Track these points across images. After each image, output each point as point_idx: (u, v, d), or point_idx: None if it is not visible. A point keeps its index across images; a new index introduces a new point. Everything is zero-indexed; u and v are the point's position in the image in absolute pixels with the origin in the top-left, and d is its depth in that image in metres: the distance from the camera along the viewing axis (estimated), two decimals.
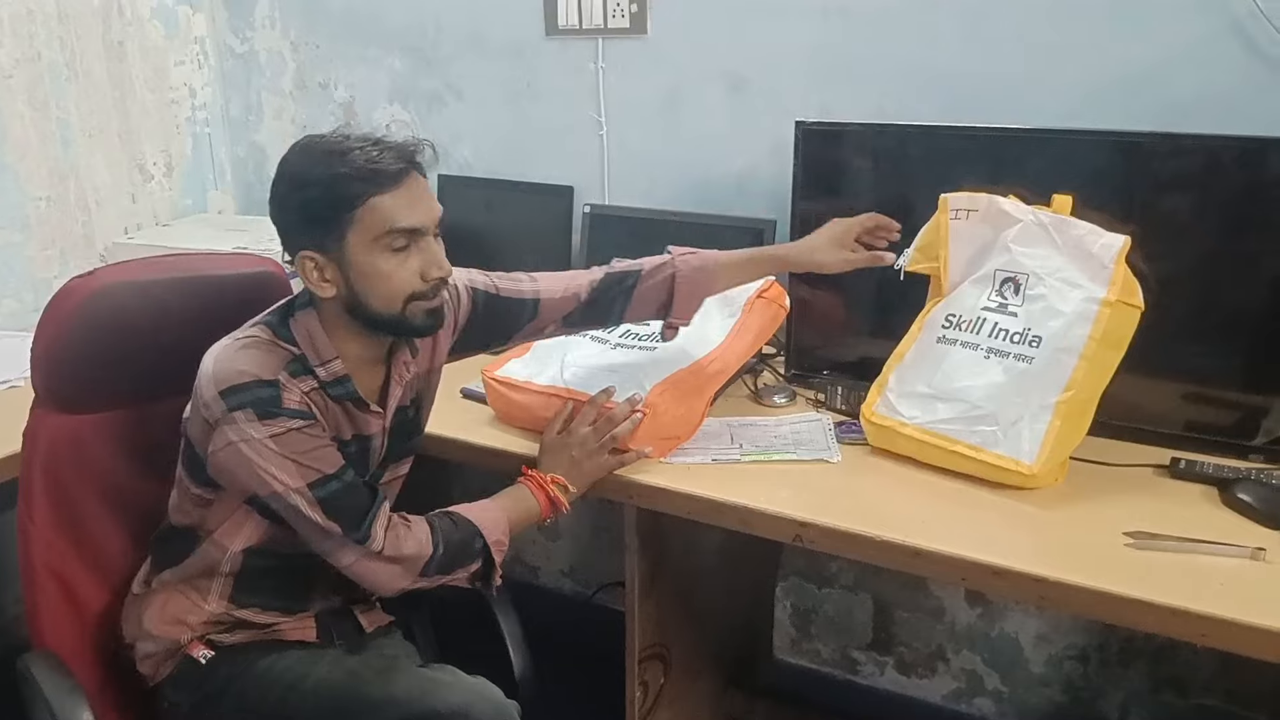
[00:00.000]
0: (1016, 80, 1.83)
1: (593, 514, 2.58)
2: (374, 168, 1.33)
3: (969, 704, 2.24)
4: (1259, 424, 1.55)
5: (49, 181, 2.34)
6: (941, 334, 1.60)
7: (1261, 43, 1.64)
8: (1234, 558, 1.30)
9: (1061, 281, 1.53)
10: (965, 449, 1.51)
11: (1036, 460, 1.46)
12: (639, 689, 1.73)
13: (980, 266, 1.60)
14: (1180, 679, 1.99)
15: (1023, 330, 1.53)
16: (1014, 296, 1.56)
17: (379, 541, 1.40)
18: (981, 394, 1.52)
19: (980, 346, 1.56)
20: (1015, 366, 1.52)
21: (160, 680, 1.52)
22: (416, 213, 1.36)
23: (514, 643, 1.60)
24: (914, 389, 1.59)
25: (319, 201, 1.34)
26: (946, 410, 1.54)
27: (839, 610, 2.32)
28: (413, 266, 1.37)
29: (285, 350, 1.41)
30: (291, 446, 1.37)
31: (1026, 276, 1.55)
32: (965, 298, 1.61)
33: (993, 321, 1.56)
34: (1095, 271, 1.51)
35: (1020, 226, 1.57)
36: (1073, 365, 1.49)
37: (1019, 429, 1.49)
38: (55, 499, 1.52)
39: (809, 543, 1.42)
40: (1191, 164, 1.57)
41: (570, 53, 2.26)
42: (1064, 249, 1.54)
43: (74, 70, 2.39)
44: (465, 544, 1.46)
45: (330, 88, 2.62)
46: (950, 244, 1.63)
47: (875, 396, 1.62)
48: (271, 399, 1.36)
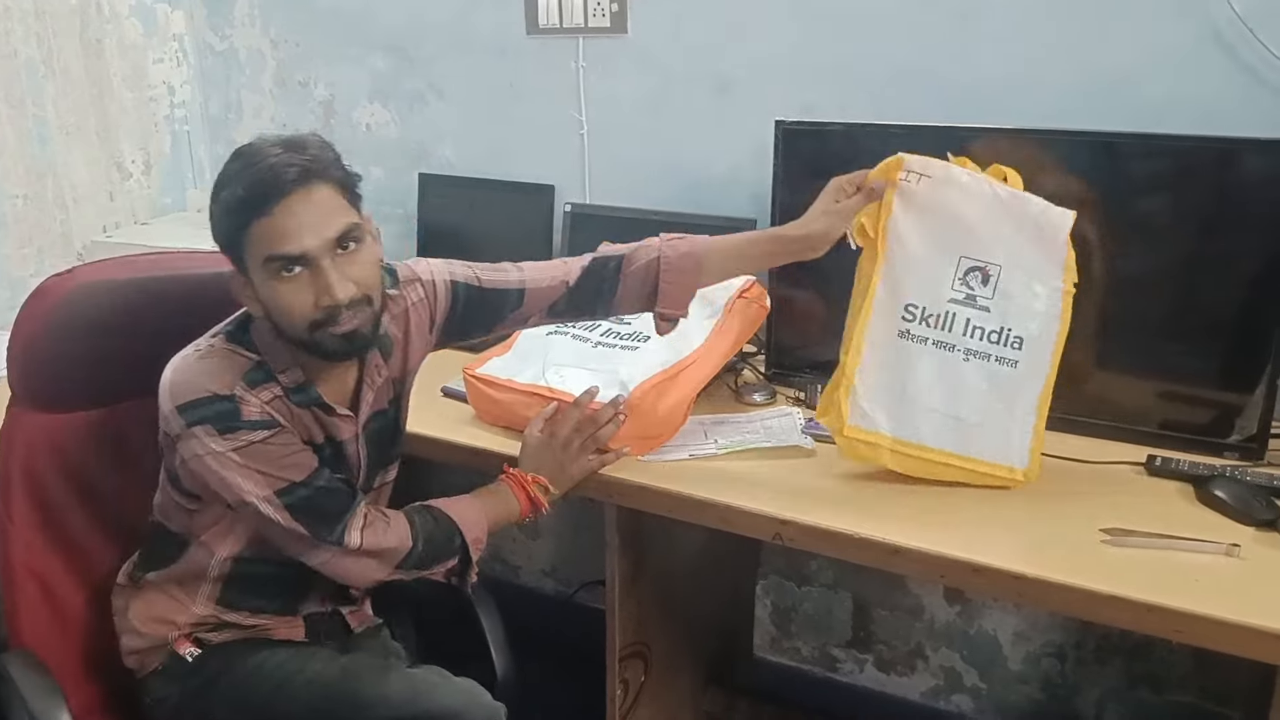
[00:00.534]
0: (999, 82, 1.84)
1: (574, 513, 2.58)
2: (248, 193, 1.27)
3: (947, 701, 2.26)
4: (1233, 422, 1.56)
5: (26, 179, 2.33)
6: (904, 328, 1.50)
7: (1239, 48, 1.66)
8: (1209, 554, 1.31)
9: (1028, 273, 1.47)
10: (957, 460, 1.49)
11: (1028, 460, 1.48)
12: (619, 687, 1.73)
13: (939, 248, 1.49)
14: (1156, 676, 2.01)
15: (1000, 329, 1.48)
16: (983, 288, 1.48)
17: (355, 540, 1.39)
18: (970, 406, 1.49)
19: (957, 348, 1.49)
20: (999, 371, 1.48)
21: (146, 674, 1.51)
22: (297, 236, 1.27)
23: (496, 643, 1.60)
24: (888, 396, 1.51)
25: (219, 226, 1.32)
26: (933, 424, 1.49)
27: (818, 608, 2.33)
28: (306, 294, 1.30)
29: (244, 358, 1.38)
30: (255, 458, 1.35)
31: (999, 268, 1.47)
32: (927, 285, 1.49)
33: (964, 318, 1.48)
34: (1053, 255, 1.47)
35: (981, 204, 1.47)
36: (1049, 362, 1.48)
37: (1009, 434, 1.48)
38: (34, 498, 1.52)
39: (789, 541, 1.43)
40: (1168, 165, 1.58)
41: (551, 52, 2.26)
42: (1023, 229, 1.47)
43: (51, 67, 2.37)
44: (444, 540, 1.46)
45: (310, 86, 2.61)
46: (895, 210, 1.48)
47: (844, 405, 1.51)
48: (229, 413, 1.34)
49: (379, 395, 1.51)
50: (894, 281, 1.50)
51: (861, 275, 1.52)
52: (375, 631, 1.66)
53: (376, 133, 2.55)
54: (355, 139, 2.59)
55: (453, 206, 2.38)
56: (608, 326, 1.76)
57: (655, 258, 1.55)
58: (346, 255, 1.32)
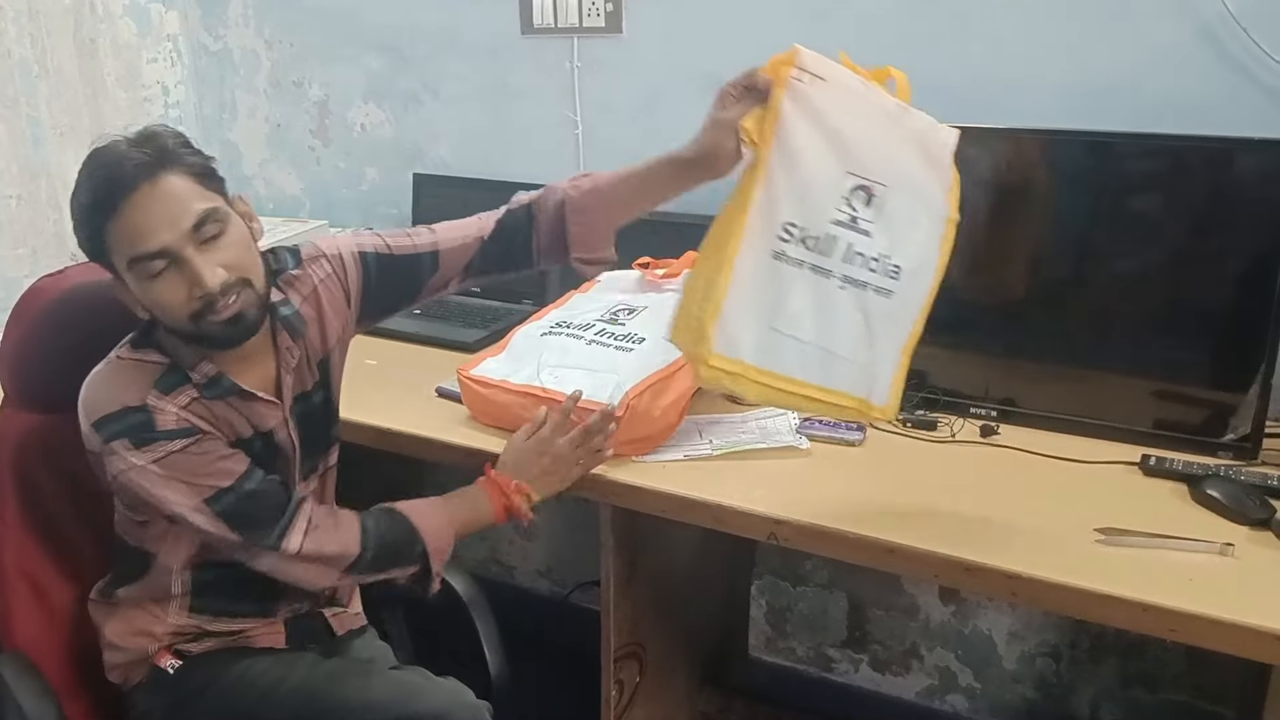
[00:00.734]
0: (994, 81, 1.84)
1: (568, 513, 2.58)
2: (95, 197, 1.24)
3: (942, 701, 2.26)
4: (1227, 421, 1.56)
5: (20, 180, 2.32)
6: (780, 249, 1.33)
7: (1231, 46, 1.66)
8: (1203, 554, 1.31)
9: (912, 196, 1.33)
10: (819, 393, 1.38)
11: (889, 399, 1.39)
12: (614, 687, 1.73)
13: (827, 162, 1.32)
14: (1150, 675, 2.01)
15: (879, 256, 1.33)
16: (865, 209, 1.32)
17: (295, 544, 1.36)
18: (841, 339, 1.36)
19: (834, 274, 1.33)
20: (874, 302, 1.34)
21: (131, 688, 1.50)
22: (153, 232, 1.24)
23: (489, 642, 1.60)
24: (755, 323, 1.35)
25: (80, 236, 1.30)
26: (800, 354, 1.36)
27: (814, 608, 2.33)
28: (178, 289, 1.27)
29: (153, 364, 1.35)
30: (177, 468, 1.32)
31: (884, 189, 1.32)
32: (809, 203, 1.33)
33: (846, 242, 1.32)
34: (939, 177, 1.34)
35: (870, 116, 1.32)
36: (923, 298, 1.36)
37: (875, 369, 1.38)
38: (26, 499, 1.51)
39: (783, 541, 1.43)
40: (1162, 165, 1.59)
41: (546, 52, 2.25)
42: (910, 147, 1.33)
43: (45, 67, 2.37)
44: (401, 546, 1.43)
45: (305, 86, 2.61)
46: (785, 114, 1.31)
47: (710, 330, 1.34)
48: (143, 425, 1.31)
49: (299, 377, 1.47)
50: (774, 196, 1.33)
51: (741, 186, 1.35)
52: (361, 633, 1.64)
53: (371, 133, 2.55)
54: (350, 139, 2.58)
55: (447, 207, 2.35)
56: (602, 327, 1.76)
57: (561, 199, 1.51)
58: (211, 242, 1.28)
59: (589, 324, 1.77)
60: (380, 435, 1.74)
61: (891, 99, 1.33)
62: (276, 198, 2.74)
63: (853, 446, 1.63)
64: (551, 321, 1.82)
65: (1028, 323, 1.71)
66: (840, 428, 1.66)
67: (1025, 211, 1.67)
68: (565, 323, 1.79)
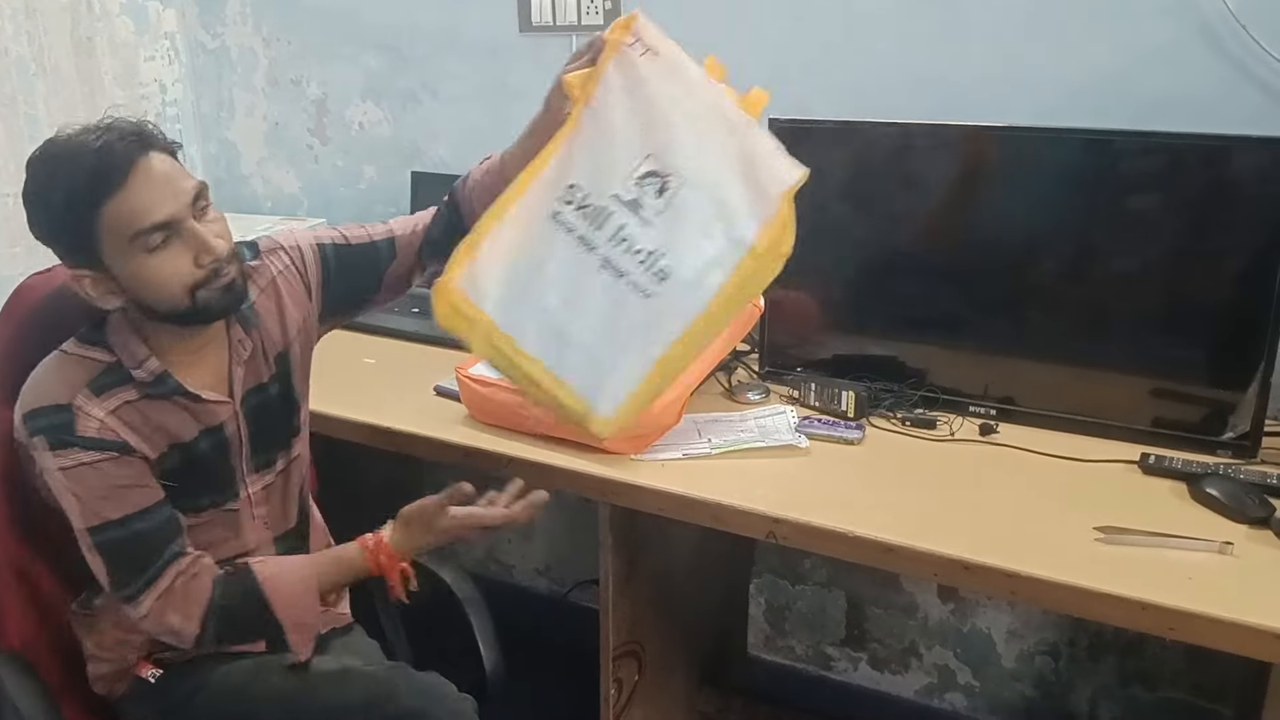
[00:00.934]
0: (991, 80, 1.83)
1: (567, 512, 2.58)
2: (90, 180, 1.23)
3: (941, 699, 2.26)
4: (1226, 420, 1.56)
5: (16, 178, 2.26)
6: (558, 209, 1.29)
7: (1230, 44, 1.66)
8: (1203, 552, 1.31)
9: (715, 207, 1.24)
10: (545, 377, 1.33)
11: (613, 416, 1.32)
12: (613, 686, 1.72)
13: (630, 134, 1.26)
14: (1148, 673, 2.01)
15: (651, 251, 1.25)
16: (655, 199, 1.25)
17: (144, 608, 1.33)
18: (583, 323, 1.29)
19: (596, 249, 1.27)
20: (629, 298, 1.27)
21: (116, 699, 1.50)
22: (159, 204, 1.25)
23: (485, 640, 1.59)
24: (508, 277, 1.31)
25: (60, 222, 1.27)
26: (540, 326, 1.31)
27: (812, 607, 2.33)
28: (182, 259, 1.28)
29: (95, 361, 1.34)
30: (78, 481, 1.30)
31: (680, 183, 1.24)
32: (599, 170, 1.27)
33: (619, 222, 1.27)
34: (755, 205, 1.24)
35: (701, 111, 1.26)
36: (690, 318, 1.27)
37: (608, 373, 1.30)
38: (17, 498, 1.50)
39: (782, 539, 1.43)
40: (1161, 163, 1.58)
41: (545, 50, 2.25)
42: (738, 160, 1.25)
43: (42, 65, 2.36)
44: (249, 621, 1.38)
45: (303, 85, 2.60)
46: (607, 76, 1.28)
47: (464, 262, 1.32)
48: (63, 426, 1.29)
49: (253, 370, 1.46)
50: (572, 154, 1.30)
51: (552, 138, 1.32)
52: (346, 631, 1.64)
53: (369, 131, 2.55)
54: (348, 138, 2.58)
55: None
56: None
57: (463, 181, 1.54)
58: (205, 215, 1.31)
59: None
60: (378, 434, 1.74)
61: (738, 111, 1.26)
62: (274, 196, 2.74)
63: (852, 445, 1.63)
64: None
65: (1027, 321, 1.71)
66: (840, 426, 1.66)
67: (1023, 210, 1.66)
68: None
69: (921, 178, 1.73)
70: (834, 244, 1.81)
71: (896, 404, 1.72)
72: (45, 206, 1.27)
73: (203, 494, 1.44)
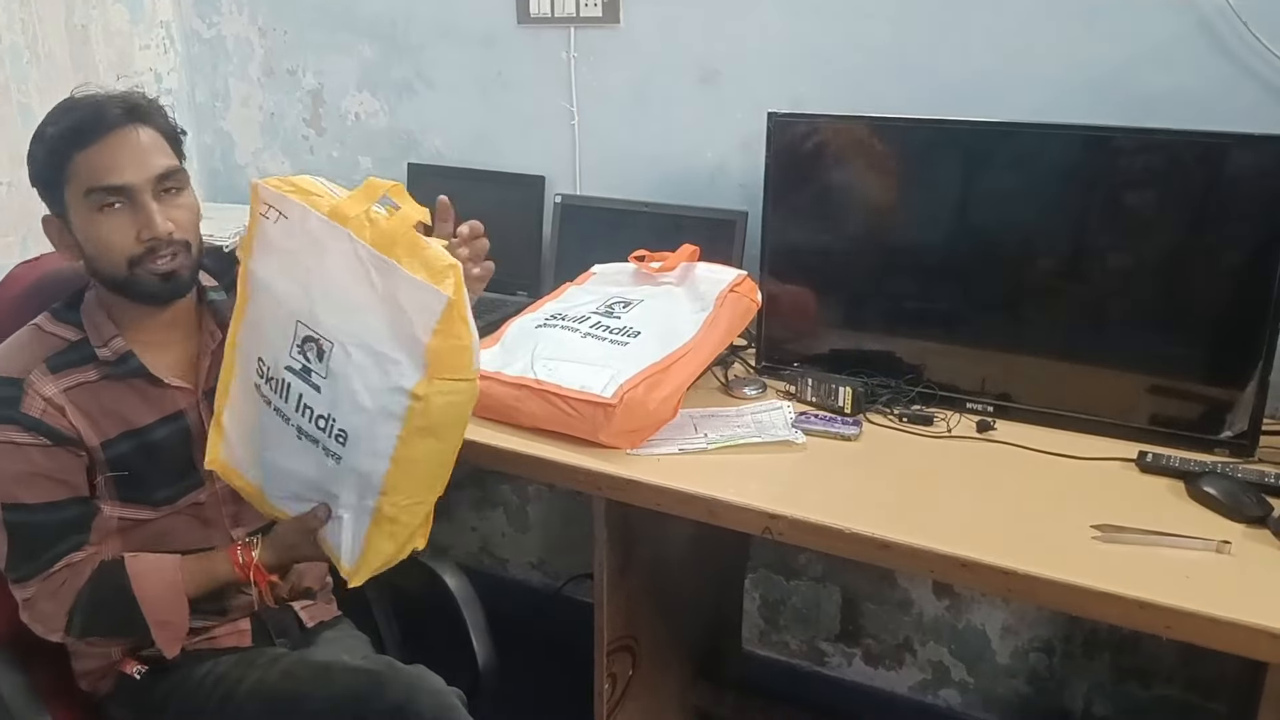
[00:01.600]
0: (989, 75, 1.83)
1: (562, 505, 2.57)
2: (80, 124, 1.30)
3: (935, 695, 2.26)
4: (1224, 418, 1.56)
5: (9, 167, 2.30)
6: (257, 381, 1.32)
7: (1229, 40, 1.65)
8: (1200, 551, 1.31)
9: (371, 358, 1.21)
10: None
11: (355, 566, 1.32)
12: (607, 681, 1.72)
13: (285, 304, 1.26)
14: (1143, 670, 2.01)
15: (327, 415, 1.25)
16: (318, 363, 1.24)
17: (26, 593, 1.37)
18: (307, 486, 1.33)
19: (291, 422, 1.29)
20: (325, 462, 1.27)
21: (101, 697, 1.50)
22: (120, 169, 1.31)
23: (477, 634, 1.59)
24: (248, 448, 1.36)
25: (40, 163, 1.34)
26: (283, 486, 1.35)
27: (807, 602, 2.33)
28: (127, 228, 1.32)
29: (58, 338, 1.38)
30: (4, 459, 1.33)
31: (331, 344, 1.22)
32: (274, 343, 1.28)
33: (298, 392, 1.27)
34: (408, 342, 1.19)
35: (339, 264, 1.21)
36: (383, 471, 1.24)
37: (340, 528, 1.32)
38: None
39: (778, 535, 1.42)
40: (1156, 159, 1.57)
41: (542, 41, 2.24)
42: (380, 306, 1.20)
43: (36, 53, 2.35)
44: (116, 614, 1.38)
45: (299, 74, 2.59)
46: (255, 248, 1.29)
47: (217, 438, 1.39)
48: (9, 400, 1.33)
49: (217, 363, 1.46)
50: (251, 328, 1.33)
51: (235, 308, 1.36)
52: (333, 625, 1.63)
53: (365, 122, 2.54)
54: (344, 128, 2.57)
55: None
56: (597, 320, 1.75)
57: None
58: (169, 197, 1.35)
59: (584, 316, 1.76)
60: None
61: (369, 250, 1.20)
62: None
63: (849, 441, 1.62)
64: (546, 314, 1.81)
65: (1024, 318, 1.70)
66: (836, 422, 1.66)
67: (1022, 206, 1.66)
68: (560, 315, 1.78)
69: (919, 173, 1.72)
70: (831, 239, 1.80)
71: (893, 400, 1.72)
72: (38, 143, 1.35)
73: (160, 485, 1.45)
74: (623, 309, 1.77)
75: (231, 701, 1.42)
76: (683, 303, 1.77)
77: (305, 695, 1.41)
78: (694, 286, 1.79)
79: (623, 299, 1.80)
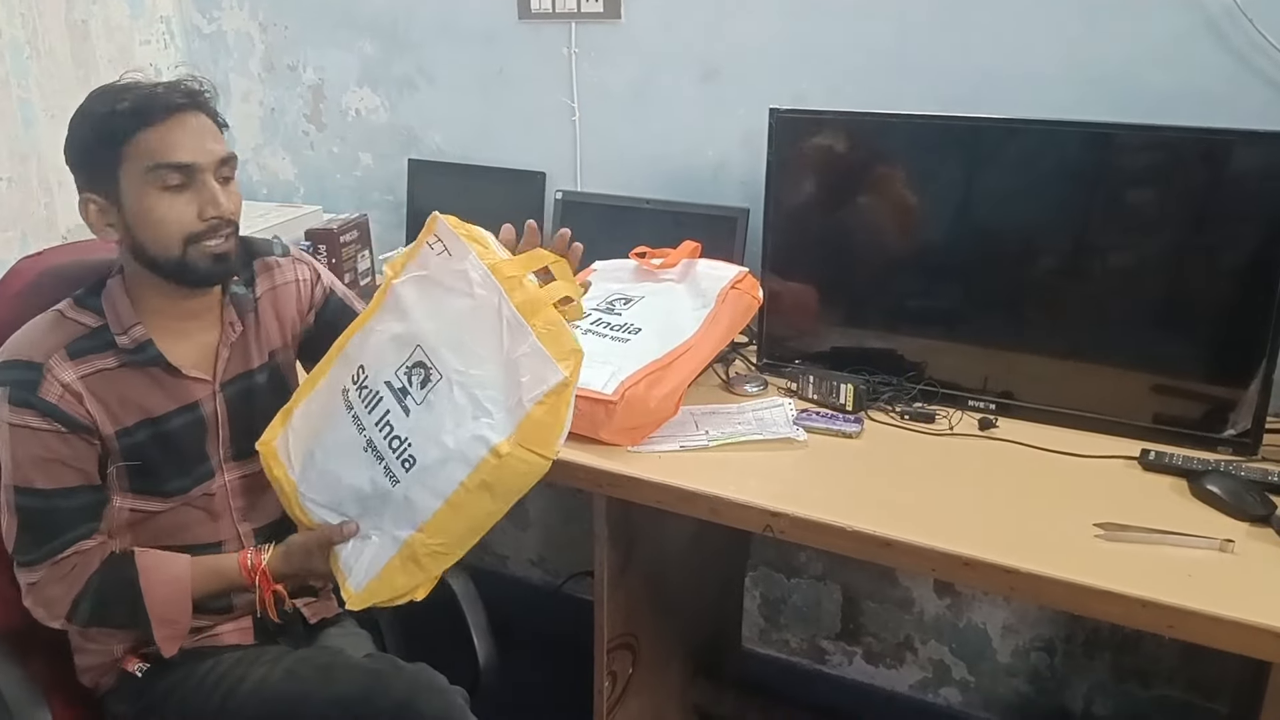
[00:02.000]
0: (992, 72, 1.82)
1: (562, 503, 2.57)
2: (143, 104, 1.32)
3: (936, 694, 2.25)
4: (1227, 417, 1.55)
5: (9, 162, 2.29)
6: (348, 386, 1.37)
7: (1235, 38, 1.65)
8: (1203, 549, 1.30)
9: (471, 404, 1.27)
10: None
11: (360, 591, 1.34)
12: (607, 679, 1.72)
13: (412, 325, 1.34)
14: (1144, 670, 2.01)
15: (404, 439, 1.30)
16: (419, 390, 1.30)
17: (31, 578, 1.37)
18: (347, 498, 1.36)
19: (365, 431, 1.33)
20: (381, 480, 1.31)
21: (102, 693, 1.49)
22: (187, 148, 1.33)
23: (478, 632, 1.59)
24: (304, 443, 1.40)
25: (92, 139, 1.34)
26: (322, 494, 1.38)
27: (807, 600, 2.32)
28: (189, 206, 1.34)
29: (79, 324, 1.38)
30: (19, 442, 1.34)
31: (440, 379, 1.29)
32: (382, 356, 1.35)
33: (385, 408, 1.32)
34: (511, 403, 1.25)
35: (480, 311, 1.29)
36: (434, 509, 1.29)
37: (362, 549, 1.35)
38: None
39: (779, 533, 1.42)
40: (1163, 157, 1.57)
41: (543, 37, 2.23)
42: (502, 364, 1.27)
43: (36, 48, 2.34)
44: (121, 607, 1.39)
45: (299, 70, 2.58)
46: (410, 268, 1.37)
47: (280, 426, 1.43)
48: (28, 383, 1.33)
49: (241, 355, 1.49)
50: (366, 335, 1.39)
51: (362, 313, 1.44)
52: (336, 622, 1.63)
53: (366, 118, 2.53)
54: (344, 124, 2.56)
55: (443, 193, 2.36)
56: (598, 316, 1.75)
57: None
58: (225, 183, 1.38)
59: (585, 313, 1.76)
60: None
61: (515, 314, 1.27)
62: (270, 183, 2.72)
63: (850, 439, 1.62)
64: None
65: (1027, 315, 1.69)
66: (838, 419, 1.65)
67: (1024, 203, 1.65)
68: None
69: (921, 170, 1.71)
70: (833, 236, 1.80)
71: (895, 397, 1.71)
72: (82, 121, 1.35)
73: (172, 476, 1.45)
74: (624, 306, 1.76)
75: (233, 700, 1.41)
76: (684, 299, 1.76)
77: (308, 695, 1.40)
78: (695, 283, 1.78)
79: (623, 296, 1.80)
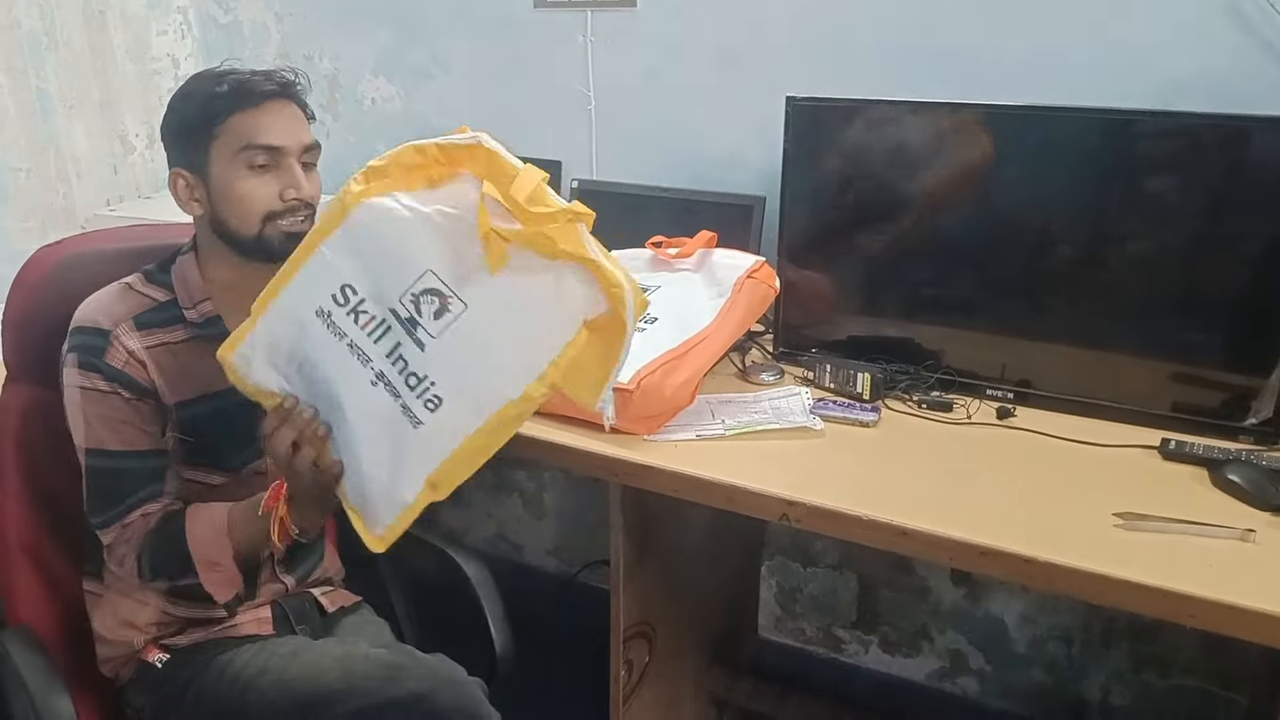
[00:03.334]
0: (1010, 58, 1.81)
1: (578, 492, 2.57)
2: (241, 88, 1.38)
3: (952, 683, 2.25)
4: (1248, 405, 1.54)
5: (28, 153, 2.31)
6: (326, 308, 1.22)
7: (1256, 21, 1.63)
8: (1223, 539, 1.29)
9: (498, 338, 1.18)
10: None
11: (384, 534, 1.27)
12: (623, 667, 1.72)
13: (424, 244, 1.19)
14: (1162, 659, 2.00)
15: (423, 376, 1.19)
16: (433, 320, 1.17)
17: (108, 539, 1.41)
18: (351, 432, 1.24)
19: (372, 363, 1.20)
20: (400, 420, 1.20)
21: (122, 684, 1.50)
22: (276, 132, 1.39)
23: (495, 621, 1.59)
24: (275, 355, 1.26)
25: (189, 118, 1.40)
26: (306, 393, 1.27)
27: (824, 589, 2.32)
28: (271, 186, 1.39)
29: (148, 297, 1.43)
30: (92, 403, 1.38)
31: (463, 309, 1.17)
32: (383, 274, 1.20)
33: (395, 339, 1.19)
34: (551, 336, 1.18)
35: None
36: (458, 444, 1.21)
37: (382, 492, 1.25)
38: (28, 473, 1.51)
39: (796, 522, 1.41)
40: (1184, 143, 1.55)
41: (559, 25, 2.23)
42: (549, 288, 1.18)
43: (53, 39, 2.35)
44: (172, 557, 1.39)
45: (315, 60, 2.58)
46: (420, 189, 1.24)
47: (246, 328, 1.27)
48: (95, 349, 1.38)
49: None
50: (352, 243, 1.21)
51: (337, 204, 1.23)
52: (353, 610, 1.64)
53: (381, 107, 2.53)
54: (360, 113, 2.56)
55: None
56: None
57: None
58: (307, 170, 1.43)
59: None
60: None
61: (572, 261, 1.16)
62: None
63: (867, 428, 1.61)
64: None
65: (1045, 304, 1.68)
66: (855, 408, 1.65)
67: (1042, 190, 1.64)
68: None
69: (938, 157, 1.70)
70: (850, 224, 1.79)
71: (912, 386, 1.70)
72: (183, 102, 1.42)
73: (228, 451, 1.47)
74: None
75: (253, 692, 1.42)
76: (700, 289, 1.76)
77: (328, 684, 1.40)
78: (711, 272, 1.78)
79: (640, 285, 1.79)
